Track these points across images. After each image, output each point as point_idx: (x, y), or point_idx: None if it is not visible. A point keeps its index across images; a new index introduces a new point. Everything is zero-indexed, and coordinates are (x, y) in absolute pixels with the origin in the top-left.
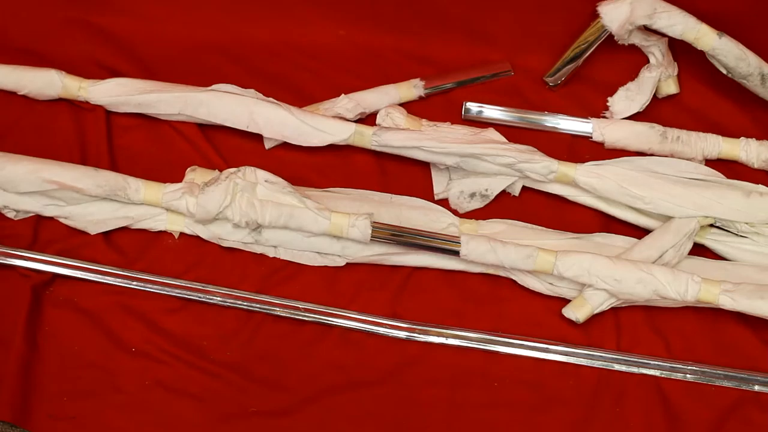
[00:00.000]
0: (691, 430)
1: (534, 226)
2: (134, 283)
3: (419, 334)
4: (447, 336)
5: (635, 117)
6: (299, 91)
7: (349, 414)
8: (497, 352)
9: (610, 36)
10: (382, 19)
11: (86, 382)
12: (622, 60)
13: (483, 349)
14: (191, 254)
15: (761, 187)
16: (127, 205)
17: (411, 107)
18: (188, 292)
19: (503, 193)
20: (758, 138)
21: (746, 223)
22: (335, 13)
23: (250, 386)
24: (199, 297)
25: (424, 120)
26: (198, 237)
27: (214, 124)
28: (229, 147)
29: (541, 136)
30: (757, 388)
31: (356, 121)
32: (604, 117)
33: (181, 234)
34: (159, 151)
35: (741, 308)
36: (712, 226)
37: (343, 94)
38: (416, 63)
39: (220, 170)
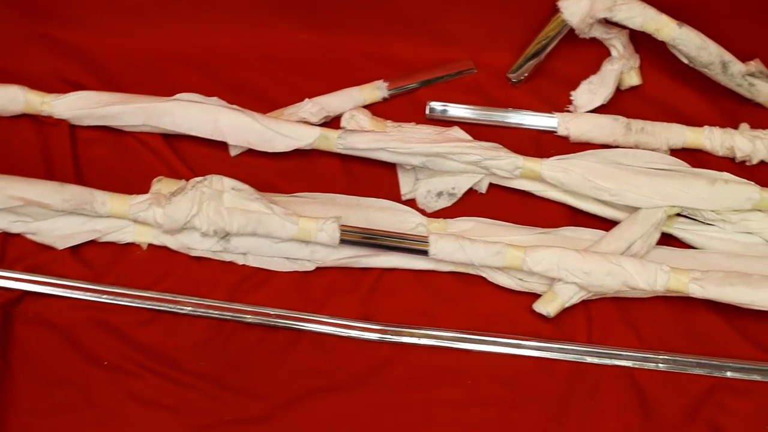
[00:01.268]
0: (666, 419)
1: (502, 222)
2: (104, 296)
3: (391, 335)
4: (419, 336)
5: (599, 110)
6: (263, 97)
7: (324, 418)
8: (470, 350)
9: (572, 30)
10: (343, 21)
11: (60, 398)
12: (584, 54)
13: (456, 347)
14: (160, 265)
15: (726, 175)
16: (94, 219)
17: (375, 109)
18: (159, 304)
19: (470, 191)
20: (722, 126)
21: (712, 211)
22: (296, 17)
23: (225, 395)
24: (170, 308)
25: (388, 121)
26: (166, 247)
27: (179, 133)
28: (194, 156)
29: (507, 133)
30: (729, 374)
31: (321, 125)
32: (568, 111)
33: (150, 245)
34: (124, 163)
35: (710, 296)
36: (679, 215)
37: (306, 99)
38: (379, 64)
39: (187, 180)
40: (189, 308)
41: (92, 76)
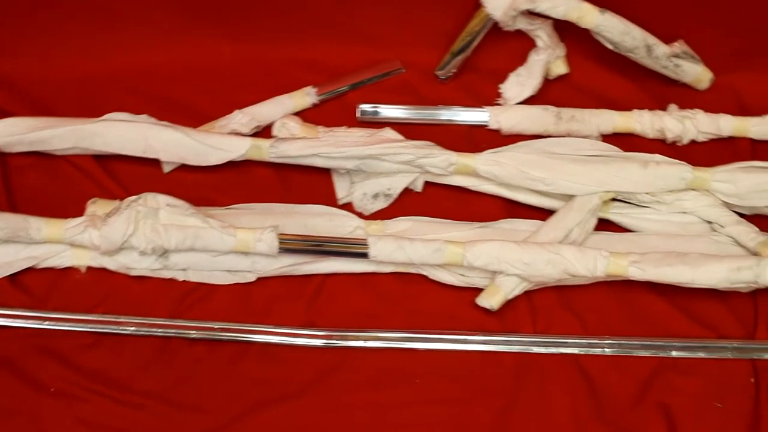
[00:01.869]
0: (615, 403)
1: (440, 219)
2: (46, 323)
3: (337, 340)
4: (365, 339)
5: (529, 101)
6: (193, 111)
7: (275, 428)
8: (417, 349)
9: (496, 24)
10: (268, 30)
11: (9, 428)
12: (510, 46)
13: (402, 347)
14: (101, 287)
15: (657, 157)
16: (30, 246)
17: (306, 115)
18: (101, 326)
19: (406, 191)
20: (651, 108)
21: (647, 193)
22: (221, 29)
23: (174, 413)
24: (113, 329)
25: (320, 127)
26: (105, 269)
27: (111, 153)
28: (127, 175)
29: (439, 130)
30: (674, 353)
31: (253, 135)
32: (498, 104)
33: (88, 268)
34: (58, 187)
35: (650, 277)
36: (614, 200)
37: (236, 110)
38: (307, 71)
39: (121, 200)
40: (132, 328)
41: (19, 102)
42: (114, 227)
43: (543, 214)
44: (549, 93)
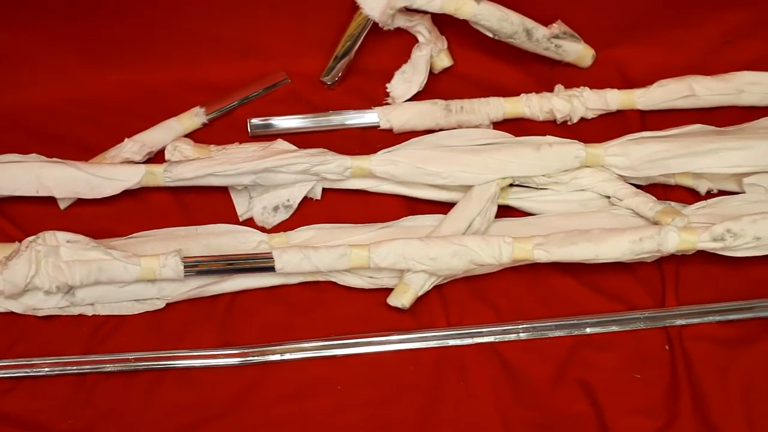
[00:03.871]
0: (536, 386)
1: (342, 224)
2: None
3: (255, 356)
4: (282, 352)
5: (417, 97)
6: (82, 144)
7: None
8: (335, 356)
9: (376, 24)
10: (150, 55)
11: None
12: (393, 44)
13: (320, 356)
14: (9, 332)
15: (550, 138)
16: None
17: (197, 136)
18: (15, 370)
19: (306, 200)
20: (538, 91)
21: (543, 176)
22: (101, 59)
23: None
24: (27, 372)
25: (212, 146)
26: (12, 313)
27: (3, 196)
28: (23, 216)
29: (332, 136)
30: (588, 330)
31: (145, 162)
32: (387, 104)
33: None
34: None
35: (556, 258)
36: (512, 185)
37: (126, 138)
38: (194, 91)
39: (20, 241)
40: (47, 369)
41: None
42: (15, 270)
43: (443, 207)
44: (436, 87)
